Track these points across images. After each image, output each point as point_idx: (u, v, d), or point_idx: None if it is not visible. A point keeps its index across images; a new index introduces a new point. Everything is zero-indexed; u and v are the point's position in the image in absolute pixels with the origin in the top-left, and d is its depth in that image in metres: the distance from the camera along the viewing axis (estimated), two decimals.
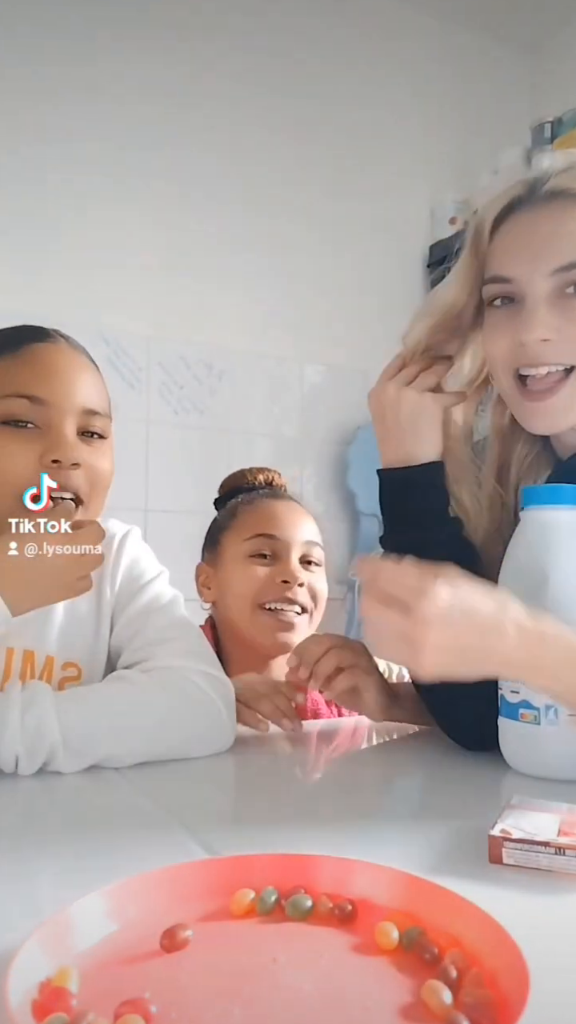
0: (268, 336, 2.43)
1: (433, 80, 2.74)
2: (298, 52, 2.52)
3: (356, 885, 0.45)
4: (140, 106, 2.27)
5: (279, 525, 1.17)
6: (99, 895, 0.41)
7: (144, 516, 2.18)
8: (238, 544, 1.17)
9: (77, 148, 2.17)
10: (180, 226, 2.31)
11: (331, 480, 2.50)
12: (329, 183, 2.55)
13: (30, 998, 0.34)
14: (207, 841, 0.55)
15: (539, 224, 0.80)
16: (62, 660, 0.87)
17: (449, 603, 0.60)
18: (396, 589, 0.61)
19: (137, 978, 0.37)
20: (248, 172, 2.42)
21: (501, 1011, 0.33)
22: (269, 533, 1.16)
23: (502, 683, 0.74)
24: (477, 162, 2.61)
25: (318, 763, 0.92)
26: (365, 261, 2.60)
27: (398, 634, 0.61)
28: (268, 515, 1.19)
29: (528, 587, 0.72)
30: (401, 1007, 0.34)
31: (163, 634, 0.88)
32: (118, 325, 2.20)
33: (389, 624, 0.62)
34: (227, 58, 2.40)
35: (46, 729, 0.71)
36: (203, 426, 2.32)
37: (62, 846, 0.56)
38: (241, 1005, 0.34)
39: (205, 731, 0.82)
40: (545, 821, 0.52)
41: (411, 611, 0.60)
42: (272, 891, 0.44)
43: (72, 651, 0.88)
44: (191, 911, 0.43)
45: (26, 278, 2.08)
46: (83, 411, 0.84)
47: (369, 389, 0.94)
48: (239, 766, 0.82)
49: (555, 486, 0.79)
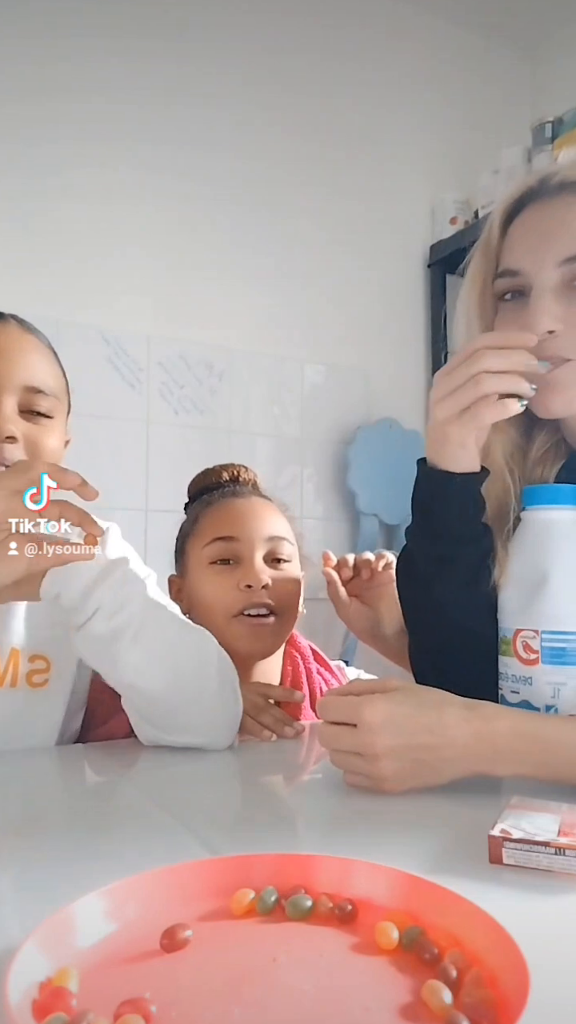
0: (268, 336, 2.43)
1: (433, 80, 2.75)
2: (298, 51, 2.53)
3: (356, 885, 0.45)
4: (140, 105, 2.27)
5: (237, 525, 1.10)
6: (99, 895, 0.41)
7: (144, 516, 2.18)
8: (199, 551, 1.10)
9: (77, 147, 2.17)
10: (180, 226, 2.31)
11: (331, 480, 2.50)
12: (329, 183, 2.55)
13: (30, 998, 0.34)
14: (208, 840, 0.55)
15: (547, 216, 0.80)
16: (28, 653, 0.87)
17: (389, 709, 0.64)
18: (343, 709, 0.65)
19: (137, 978, 0.37)
20: (248, 172, 2.42)
21: (501, 1011, 0.33)
22: (227, 535, 1.09)
23: (502, 683, 0.74)
24: (478, 162, 2.61)
25: (318, 763, 0.92)
26: (366, 261, 2.60)
27: (351, 747, 0.65)
28: (226, 516, 1.11)
29: (528, 587, 0.72)
30: (401, 1007, 0.34)
31: None
32: (118, 325, 2.20)
33: (342, 741, 0.66)
34: (228, 58, 2.41)
35: (130, 603, 0.77)
36: (203, 426, 2.33)
37: (62, 846, 0.56)
38: (241, 1005, 0.34)
39: (225, 698, 0.85)
40: (545, 821, 0.52)
41: (358, 724, 0.64)
42: (272, 891, 0.44)
43: (41, 644, 0.88)
44: (191, 911, 0.43)
45: (26, 278, 2.09)
46: (24, 388, 0.85)
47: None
48: (240, 766, 0.82)
49: (555, 486, 0.79)
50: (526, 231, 0.82)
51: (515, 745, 0.63)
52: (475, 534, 0.83)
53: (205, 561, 1.08)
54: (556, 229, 0.79)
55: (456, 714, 0.64)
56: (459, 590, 0.82)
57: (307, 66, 2.54)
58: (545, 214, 0.81)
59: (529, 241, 0.81)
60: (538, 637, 0.71)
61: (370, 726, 0.63)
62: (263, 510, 1.13)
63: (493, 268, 0.85)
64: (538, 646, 0.71)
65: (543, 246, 0.79)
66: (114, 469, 2.14)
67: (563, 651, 0.70)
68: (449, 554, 0.83)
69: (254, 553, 1.07)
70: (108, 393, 2.17)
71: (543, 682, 0.71)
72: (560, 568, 0.72)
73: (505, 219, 0.85)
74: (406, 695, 0.66)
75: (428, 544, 0.85)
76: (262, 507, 1.13)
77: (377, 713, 0.63)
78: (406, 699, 0.65)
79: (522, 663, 0.72)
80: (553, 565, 0.72)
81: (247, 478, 1.23)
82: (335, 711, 0.67)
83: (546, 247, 0.78)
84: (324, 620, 1.22)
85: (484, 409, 0.75)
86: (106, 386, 2.17)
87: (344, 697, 0.67)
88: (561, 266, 0.78)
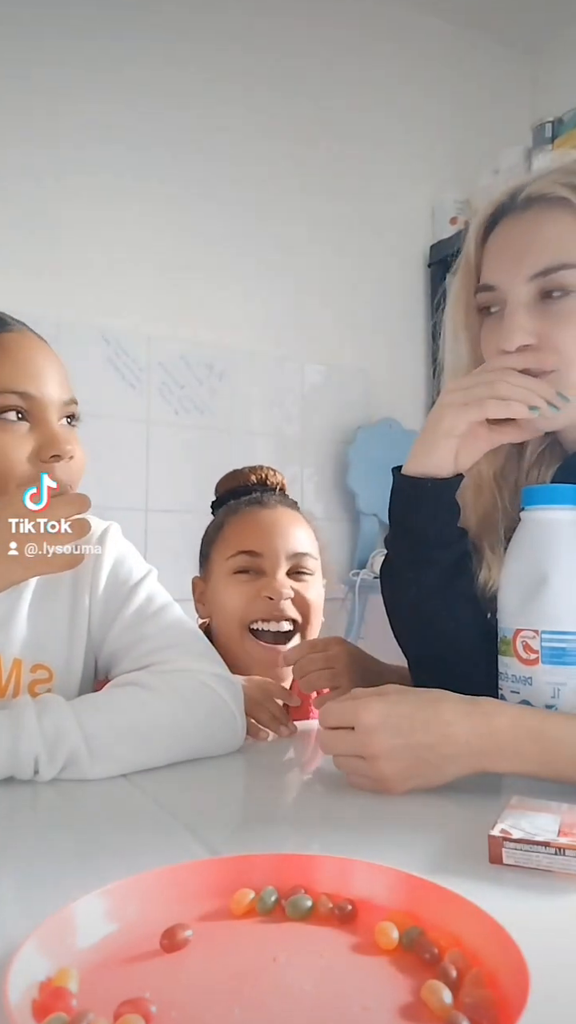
0: (269, 336, 2.43)
1: (434, 80, 2.75)
2: (298, 52, 2.53)
3: (356, 885, 0.45)
4: (140, 106, 2.27)
5: (263, 540, 1.10)
6: (99, 895, 0.41)
7: (144, 516, 2.18)
8: (223, 562, 1.11)
9: (77, 148, 2.17)
10: (181, 226, 2.31)
11: (331, 480, 2.50)
12: (330, 183, 2.56)
13: (30, 998, 0.34)
14: (208, 841, 0.55)
15: (518, 232, 0.81)
16: (31, 662, 0.85)
17: (386, 709, 0.64)
18: (341, 713, 0.66)
19: (137, 978, 0.37)
20: (249, 172, 2.42)
21: (501, 1011, 0.33)
22: (251, 550, 1.09)
23: (502, 683, 0.74)
24: (478, 162, 2.62)
25: (318, 763, 0.92)
26: (366, 261, 2.60)
27: (351, 749, 0.65)
28: (251, 529, 1.11)
29: (528, 587, 0.72)
30: (401, 1007, 0.34)
31: (166, 638, 0.86)
32: (119, 325, 2.20)
33: (341, 744, 0.66)
34: (227, 58, 2.41)
35: (65, 731, 0.69)
36: (203, 426, 2.33)
37: (62, 846, 0.56)
38: (241, 1005, 0.34)
39: (220, 734, 0.81)
40: (545, 821, 0.52)
41: (356, 726, 0.64)
42: (272, 891, 0.44)
43: (42, 653, 0.85)
44: (191, 911, 0.43)
45: (27, 278, 2.09)
46: (63, 403, 0.84)
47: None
48: (240, 766, 0.82)
49: (555, 486, 0.79)
50: (499, 247, 0.83)
51: (516, 741, 0.63)
52: (449, 538, 0.84)
53: (229, 571, 1.09)
54: (525, 245, 0.80)
55: (455, 710, 0.64)
56: (436, 593, 0.84)
57: (307, 66, 2.54)
58: (516, 230, 0.82)
59: (502, 257, 0.82)
60: (538, 637, 0.71)
61: (367, 727, 0.64)
62: (288, 524, 1.13)
63: (474, 282, 0.86)
64: (538, 646, 0.71)
65: (514, 262, 0.80)
66: (114, 469, 2.14)
67: (563, 651, 0.70)
68: (424, 558, 0.84)
69: (277, 569, 1.08)
70: (108, 393, 2.17)
71: (543, 682, 0.70)
72: (560, 568, 0.72)
73: (482, 233, 0.86)
74: (403, 695, 0.67)
75: (404, 549, 0.86)
76: (288, 520, 1.13)
77: (373, 714, 0.64)
78: (403, 699, 0.66)
79: (522, 663, 0.72)
80: (553, 565, 0.72)
81: (275, 481, 1.23)
82: (334, 716, 0.67)
83: (517, 263, 0.79)
84: (325, 620, 1.23)
85: (491, 405, 0.77)
86: (106, 386, 2.17)
87: (342, 701, 0.68)
88: (531, 281, 0.79)
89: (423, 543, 0.84)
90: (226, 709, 0.82)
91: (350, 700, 0.67)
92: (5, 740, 0.68)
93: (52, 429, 0.81)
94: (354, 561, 2.48)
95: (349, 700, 0.67)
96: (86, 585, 0.88)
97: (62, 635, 0.87)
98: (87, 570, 0.88)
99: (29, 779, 0.69)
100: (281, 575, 1.08)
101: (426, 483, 0.82)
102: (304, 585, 1.10)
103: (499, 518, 0.88)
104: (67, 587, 0.88)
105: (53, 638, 0.87)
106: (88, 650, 0.89)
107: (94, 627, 0.89)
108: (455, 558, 0.84)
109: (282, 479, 1.26)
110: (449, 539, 0.84)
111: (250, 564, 1.09)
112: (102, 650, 0.89)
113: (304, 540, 1.13)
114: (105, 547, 0.90)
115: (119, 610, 0.88)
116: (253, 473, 1.24)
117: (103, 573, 0.89)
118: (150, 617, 0.88)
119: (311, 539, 1.15)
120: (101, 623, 0.88)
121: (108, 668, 0.89)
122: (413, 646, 0.90)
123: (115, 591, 0.89)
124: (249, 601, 1.07)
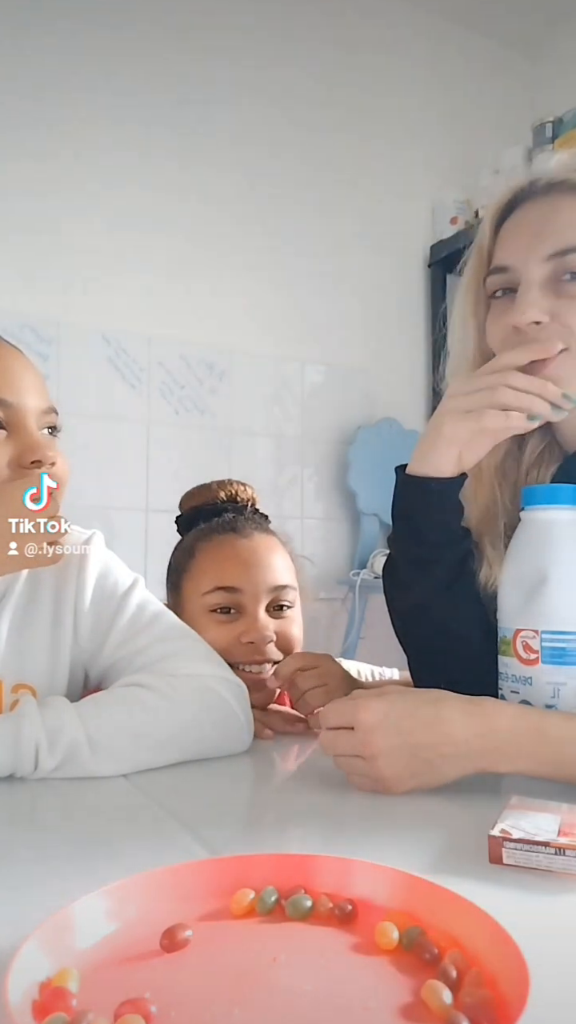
0: (269, 336, 2.43)
1: (434, 80, 2.75)
2: (299, 52, 2.53)
3: (356, 885, 0.45)
4: (140, 107, 2.27)
5: (242, 575, 1.02)
6: (99, 895, 0.41)
7: (144, 516, 2.18)
8: (198, 597, 1.03)
9: (78, 149, 2.17)
10: (181, 226, 2.31)
11: (331, 480, 2.50)
12: (330, 183, 2.56)
13: (30, 998, 0.34)
14: (208, 840, 0.55)
15: (536, 214, 0.82)
16: (12, 682, 0.83)
17: (385, 709, 0.64)
18: (340, 714, 0.66)
19: (137, 978, 0.37)
20: (249, 172, 2.42)
21: (501, 1011, 0.33)
22: (230, 586, 1.02)
23: (502, 683, 0.74)
24: (478, 162, 2.62)
25: (318, 763, 0.92)
26: (366, 261, 2.60)
27: (350, 749, 0.66)
28: (228, 563, 1.03)
29: (528, 587, 0.72)
30: (401, 1007, 0.34)
31: (165, 648, 0.84)
32: (119, 325, 2.20)
33: (341, 745, 0.66)
34: (228, 59, 2.41)
35: (66, 721, 0.70)
36: (204, 426, 2.33)
37: (62, 846, 0.56)
38: (241, 1005, 0.34)
39: (225, 736, 0.81)
40: (545, 821, 0.52)
41: (355, 726, 0.65)
42: (272, 891, 0.44)
43: (23, 673, 0.83)
44: (191, 911, 0.43)
45: (27, 279, 2.09)
46: (43, 411, 0.83)
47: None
48: (240, 766, 0.82)
49: (555, 486, 0.79)
50: (516, 229, 0.83)
51: (517, 740, 0.63)
52: (453, 537, 0.84)
53: (205, 608, 1.03)
54: (545, 226, 0.80)
55: (455, 710, 0.64)
56: (440, 592, 0.84)
57: (308, 67, 2.54)
58: (534, 213, 0.82)
59: (518, 238, 0.82)
60: (538, 637, 0.71)
61: (366, 727, 0.64)
62: (267, 553, 1.05)
63: (485, 267, 0.86)
64: (538, 646, 0.71)
65: (532, 242, 0.80)
66: (114, 469, 2.14)
67: (563, 651, 0.70)
68: (428, 557, 0.84)
69: (258, 607, 1.02)
70: (108, 393, 2.17)
71: (543, 682, 0.70)
72: (560, 568, 0.72)
73: (497, 220, 0.86)
74: (403, 695, 0.67)
75: (408, 548, 0.86)
76: (265, 549, 1.06)
77: (372, 714, 0.64)
78: (402, 699, 0.66)
79: (522, 663, 0.72)
80: (553, 565, 0.72)
81: (245, 498, 1.15)
82: (334, 716, 0.67)
83: (535, 243, 0.80)
84: (325, 620, 1.22)
85: (490, 416, 0.76)
86: (106, 386, 2.17)
87: (342, 702, 0.68)
88: (548, 261, 0.79)
89: (427, 542, 0.84)
90: (232, 713, 0.82)
91: (350, 700, 0.67)
92: (7, 728, 0.69)
93: (32, 436, 0.79)
94: (354, 561, 2.48)
95: (349, 700, 0.68)
96: (69, 600, 0.86)
97: (44, 653, 0.85)
98: (70, 584, 0.86)
99: (30, 774, 0.69)
100: (262, 615, 1.02)
101: (431, 482, 0.82)
102: (286, 621, 1.04)
103: (499, 513, 0.88)
104: (48, 604, 0.86)
105: (34, 657, 0.85)
106: (74, 666, 0.87)
107: (83, 641, 0.87)
108: (459, 557, 0.84)
109: (252, 494, 1.16)
110: (453, 538, 0.84)
111: (229, 601, 1.02)
112: (96, 664, 0.87)
113: (283, 571, 1.06)
114: (87, 560, 0.87)
115: (111, 623, 0.86)
116: (221, 489, 1.15)
117: (87, 587, 0.86)
118: (144, 628, 0.86)
119: (289, 566, 1.07)
120: (92, 637, 0.86)
121: (105, 682, 0.87)
122: (415, 645, 0.90)
123: (104, 604, 0.87)
124: (229, 644, 1.00)
